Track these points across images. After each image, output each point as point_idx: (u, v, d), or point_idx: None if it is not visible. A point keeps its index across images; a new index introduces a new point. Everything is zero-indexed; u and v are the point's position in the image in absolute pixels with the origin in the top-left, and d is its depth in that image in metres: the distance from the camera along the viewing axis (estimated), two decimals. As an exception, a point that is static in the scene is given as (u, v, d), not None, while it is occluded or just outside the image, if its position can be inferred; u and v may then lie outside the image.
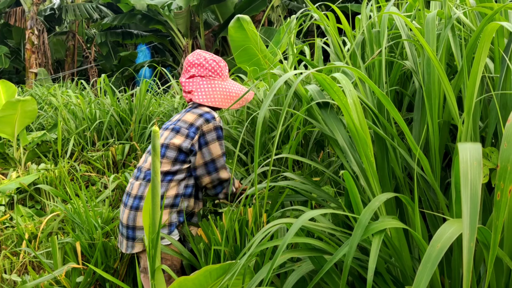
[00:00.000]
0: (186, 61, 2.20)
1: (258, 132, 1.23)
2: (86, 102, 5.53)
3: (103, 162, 4.29)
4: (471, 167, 0.83)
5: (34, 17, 12.77)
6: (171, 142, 2.04)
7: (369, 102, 1.55)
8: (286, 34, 2.30)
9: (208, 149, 2.06)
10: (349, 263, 1.06)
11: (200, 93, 2.12)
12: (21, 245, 2.90)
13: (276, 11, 13.34)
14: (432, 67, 1.42)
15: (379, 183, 1.34)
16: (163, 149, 2.05)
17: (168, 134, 2.07)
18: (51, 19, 15.94)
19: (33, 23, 12.71)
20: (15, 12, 13.81)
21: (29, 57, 12.61)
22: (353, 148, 1.46)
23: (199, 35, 13.82)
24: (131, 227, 2.05)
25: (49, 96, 6.30)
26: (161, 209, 2.01)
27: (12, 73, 16.91)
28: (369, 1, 2.21)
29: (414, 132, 1.57)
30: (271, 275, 1.57)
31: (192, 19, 13.16)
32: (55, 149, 4.65)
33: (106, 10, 15.48)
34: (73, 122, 5.07)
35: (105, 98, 5.34)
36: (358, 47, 1.89)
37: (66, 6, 14.65)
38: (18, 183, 3.70)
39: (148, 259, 1.53)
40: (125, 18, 13.87)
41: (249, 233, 2.09)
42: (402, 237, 1.29)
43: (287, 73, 1.30)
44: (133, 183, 2.12)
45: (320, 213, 1.14)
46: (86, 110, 5.14)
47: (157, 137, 1.47)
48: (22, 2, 12.97)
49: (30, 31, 12.67)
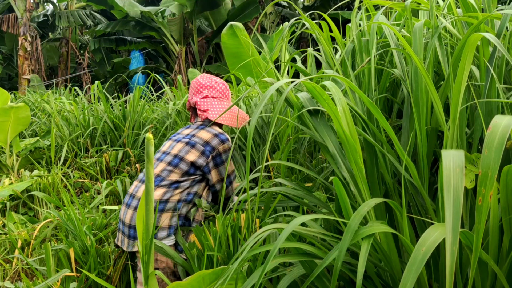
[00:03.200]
0: (197, 83, 2.42)
1: (250, 138, 1.25)
2: (79, 108, 5.54)
3: (96, 168, 4.30)
4: (454, 173, 0.87)
5: (27, 23, 12.75)
6: (186, 156, 2.24)
7: (359, 109, 1.58)
8: (279, 41, 2.34)
9: (224, 167, 2.31)
10: (339, 267, 1.08)
11: (215, 112, 2.34)
12: (14, 252, 2.89)
13: (269, 18, 13.43)
14: (419, 75, 1.46)
15: (368, 189, 1.37)
16: (176, 160, 2.24)
17: (182, 147, 2.27)
18: (44, 26, 15.92)
19: (26, 30, 12.68)
20: (7, 19, 13.78)
21: (22, 64, 12.58)
22: (343, 154, 1.49)
23: (192, 42, 13.86)
24: (133, 226, 2.18)
25: (43, 102, 6.30)
26: (164, 212, 2.19)
27: (5, 80, 16.84)
28: (359, 10, 2.26)
29: (403, 139, 1.61)
30: (263, 280, 1.60)
31: (186, 26, 13.20)
32: (48, 156, 4.64)
33: (100, 16, 15.50)
34: (66, 128, 5.07)
35: (99, 105, 5.34)
36: (348, 55, 1.93)
37: (60, 13, 14.65)
38: (11, 190, 3.70)
39: (141, 264, 1.54)
40: (118, 24, 13.88)
41: (241, 238, 2.11)
42: (391, 242, 1.32)
43: (278, 81, 1.33)
44: (139, 186, 2.27)
45: (311, 218, 1.17)
46: (80, 116, 5.14)
47: (151, 144, 1.49)
48: (15, 8, 12.95)
49: (23, 38, 12.64)
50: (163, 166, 2.24)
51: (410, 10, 1.68)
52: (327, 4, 12.64)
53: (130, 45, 15.14)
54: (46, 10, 16.96)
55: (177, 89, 5.42)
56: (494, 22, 1.81)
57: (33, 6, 13.10)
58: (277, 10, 13.40)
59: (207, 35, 14.08)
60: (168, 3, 13.74)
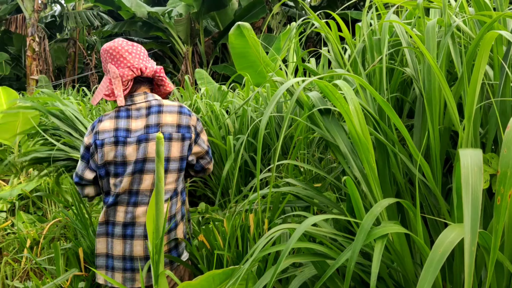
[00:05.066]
0: (138, 48, 1.90)
1: (260, 138, 1.24)
2: (87, 108, 5.55)
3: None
4: (472, 173, 0.85)
5: (35, 24, 12.83)
6: (171, 155, 1.84)
7: (370, 108, 1.57)
8: (287, 41, 2.33)
9: (202, 139, 1.98)
10: (352, 267, 1.07)
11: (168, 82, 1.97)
12: (23, 251, 2.90)
13: (275, 18, 13.42)
14: (432, 74, 1.44)
15: (380, 189, 1.35)
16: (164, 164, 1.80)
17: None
18: (52, 26, 16.03)
19: (34, 30, 12.76)
20: (15, 19, 13.88)
21: (30, 64, 12.66)
22: (354, 154, 1.48)
23: (199, 42, 13.89)
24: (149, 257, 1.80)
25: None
26: (177, 226, 1.91)
27: (13, 80, 16.96)
28: (369, 9, 2.24)
29: (414, 138, 1.59)
30: (273, 281, 1.58)
31: (192, 26, 13.22)
32: (57, 156, 4.65)
33: (107, 17, 15.58)
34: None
35: (106, 105, 5.36)
36: (358, 55, 1.91)
37: (67, 14, 14.73)
38: (20, 189, 3.72)
39: (152, 264, 1.54)
40: (125, 25, 13.94)
41: (251, 238, 2.10)
42: (404, 242, 1.31)
43: (290, 80, 1.32)
44: (131, 210, 1.82)
45: (323, 218, 1.16)
46: (88, 116, 5.15)
47: (161, 143, 1.49)
48: (23, 9, 13.03)
49: (31, 38, 12.72)
50: (150, 179, 1.83)
51: (422, 9, 1.66)
52: (334, 4, 12.61)
53: (137, 45, 15.17)
54: (53, 10, 17.08)
55: (185, 89, 5.42)
56: (507, 21, 1.79)
57: (41, 6, 13.18)
58: (284, 10, 13.39)
59: (214, 36, 14.10)
60: (175, 3, 13.78)
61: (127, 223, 1.82)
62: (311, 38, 13.48)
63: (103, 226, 1.85)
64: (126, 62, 1.83)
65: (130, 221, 1.82)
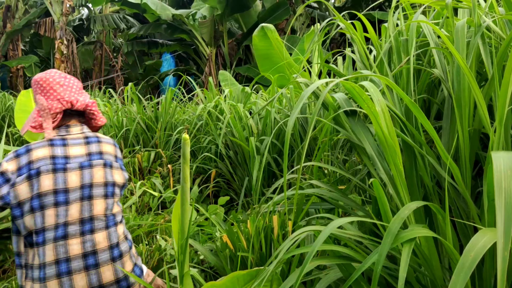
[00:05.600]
0: (71, 81, 1.86)
1: (287, 139, 1.24)
2: (113, 110, 5.66)
3: (129, 168, 4.38)
4: (505, 176, 0.83)
5: (63, 27, 13.15)
6: (115, 180, 1.80)
7: (397, 110, 1.54)
8: (311, 43, 2.32)
9: None
10: (379, 271, 1.06)
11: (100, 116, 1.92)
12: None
13: (299, 19, 13.39)
14: (462, 75, 1.41)
15: (408, 191, 1.33)
16: (110, 187, 1.77)
17: (103, 171, 1.77)
18: (79, 29, 16.40)
19: (63, 33, 13.08)
20: (45, 23, 14.27)
21: (59, 66, 12.97)
22: (381, 156, 1.46)
23: (222, 44, 13.97)
24: (122, 278, 1.72)
25: (78, 104, 6.45)
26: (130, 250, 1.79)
27: (42, 82, 17.39)
28: (395, 10, 2.21)
29: (443, 141, 1.56)
30: (299, 282, 1.58)
31: (216, 28, 13.32)
32: (84, 156, 4.75)
33: (133, 20, 15.83)
34: (101, 129, 5.18)
35: (132, 106, 5.45)
36: (385, 56, 1.89)
37: (94, 17, 15.05)
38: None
39: (177, 263, 1.56)
40: (151, 28, 14.15)
41: (275, 240, 2.10)
42: (432, 246, 1.28)
43: (316, 81, 1.32)
44: (89, 238, 1.68)
45: (349, 220, 1.15)
46: (114, 118, 5.25)
47: (187, 144, 1.50)
48: (52, 12, 13.37)
49: (60, 41, 13.03)
50: (102, 204, 1.73)
51: (451, 9, 1.63)
52: (358, 5, 12.49)
53: (161, 47, 15.40)
54: (81, 14, 17.47)
55: (209, 91, 5.46)
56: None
57: (69, 10, 13.49)
58: (308, 11, 13.35)
59: (237, 37, 14.16)
60: (199, 6, 13.90)
61: (88, 253, 1.66)
62: (335, 39, 13.40)
63: (52, 268, 1.61)
64: (56, 94, 1.78)
65: (91, 250, 1.67)
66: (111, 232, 1.73)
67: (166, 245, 2.59)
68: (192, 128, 4.56)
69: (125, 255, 1.74)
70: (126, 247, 1.75)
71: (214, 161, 4.13)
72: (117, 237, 1.74)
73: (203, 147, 4.30)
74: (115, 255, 1.70)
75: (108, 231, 1.73)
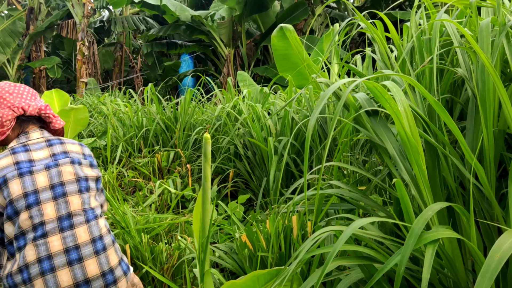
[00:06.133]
0: (25, 89, 1.88)
1: (308, 139, 1.24)
2: (133, 110, 5.73)
3: (149, 168, 4.43)
4: (533, 176, 0.82)
5: (84, 29, 13.37)
6: (86, 173, 1.80)
7: (420, 110, 1.53)
8: (332, 43, 2.31)
9: None
10: (402, 272, 1.05)
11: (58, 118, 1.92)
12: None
13: (317, 19, 13.34)
14: (486, 74, 1.39)
15: (431, 192, 1.32)
16: (83, 182, 1.77)
17: (71, 168, 1.77)
18: (100, 31, 16.64)
19: (84, 35, 13.30)
20: (67, 25, 14.52)
21: (80, 67, 13.20)
22: (403, 156, 1.45)
23: (241, 45, 14.01)
24: (107, 271, 1.69)
25: (99, 104, 6.57)
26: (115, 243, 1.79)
27: (64, 83, 17.73)
28: (417, 9, 2.19)
29: (467, 141, 1.53)
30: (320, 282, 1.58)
31: (234, 29, 13.36)
32: (105, 155, 4.83)
33: (152, 21, 15.99)
34: (121, 129, 5.26)
35: (151, 107, 5.51)
36: (407, 55, 1.87)
37: (115, 19, 15.26)
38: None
39: (197, 262, 1.57)
40: (170, 29, 14.27)
41: (294, 240, 2.10)
42: (456, 248, 1.27)
43: (337, 81, 1.31)
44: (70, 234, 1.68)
45: (372, 221, 1.14)
46: (134, 118, 5.32)
47: (208, 143, 1.52)
48: (74, 14, 13.61)
49: (81, 43, 13.26)
50: (78, 199, 1.74)
51: (475, 7, 1.61)
52: (378, 5, 12.38)
53: (180, 48, 15.52)
54: (102, 16, 17.73)
55: (227, 91, 5.49)
56: None
57: (91, 12, 13.72)
58: (326, 11, 13.29)
59: (255, 38, 14.18)
60: (217, 6, 13.97)
61: (70, 248, 1.66)
62: (353, 39, 13.30)
63: (35, 267, 1.61)
64: (6, 102, 1.80)
65: (73, 245, 1.67)
66: (92, 226, 1.72)
67: (186, 244, 2.61)
68: (211, 128, 4.59)
69: (109, 248, 1.73)
70: (109, 240, 1.74)
71: (232, 161, 4.14)
72: (98, 230, 1.73)
73: (221, 147, 4.32)
74: (98, 248, 1.70)
75: (89, 225, 1.72)
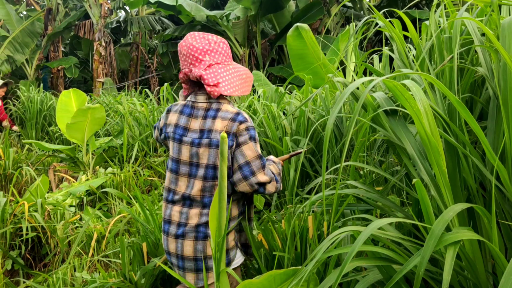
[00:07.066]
0: (193, 49, 1.83)
1: (326, 138, 1.23)
2: (149, 109, 5.77)
3: (164, 167, 4.45)
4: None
5: (101, 29, 13.52)
6: (217, 162, 1.80)
7: (440, 109, 1.51)
8: (349, 42, 2.29)
9: (241, 152, 1.80)
10: (421, 274, 1.04)
11: (228, 84, 1.81)
12: (90, 244, 3.06)
13: (333, 19, 13.26)
14: (509, 73, 1.36)
15: (451, 193, 1.30)
16: (210, 171, 1.81)
17: (207, 152, 1.81)
18: (117, 31, 16.81)
19: (101, 35, 13.44)
20: (84, 25, 14.69)
21: (97, 67, 13.34)
22: (422, 156, 1.43)
23: (255, 44, 14.00)
24: (199, 258, 1.82)
25: (116, 104, 6.63)
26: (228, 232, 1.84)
27: (81, 83, 17.95)
28: (436, 7, 2.16)
29: (488, 141, 1.51)
30: (334, 284, 1.56)
31: (250, 29, 13.36)
32: (121, 154, 4.87)
33: (168, 21, 16.08)
34: (137, 128, 5.30)
35: (167, 106, 5.54)
36: (426, 54, 1.85)
37: (131, 19, 15.39)
38: (87, 185, 3.92)
39: (213, 261, 1.57)
40: (185, 29, 14.33)
41: (310, 241, 2.09)
42: (477, 250, 1.24)
43: (356, 81, 1.30)
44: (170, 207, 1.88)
45: (391, 221, 1.13)
46: (150, 117, 5.35)
47: (225, 142, 1.51)
48: (91, 15, 13.76)
49: (98, 43, 13.40)
50: (200, 184, 1.82)
51: (497, 5, 1.58)
52: (394, 4, 12.25)
53: (195, 48, 15.53)
54: (118, 16, 17.90)
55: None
56: None
57: (107, 13, 13.85)
58: (342, 11, 13.20)
59: (270, 38, 14.16)
60: (232, 6, 13.98)
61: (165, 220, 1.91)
62: (370, 39, 13.18)
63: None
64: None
65: (167, 219, 1.89)
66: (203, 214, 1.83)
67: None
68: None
69: (209, 239, 1.82)
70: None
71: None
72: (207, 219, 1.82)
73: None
74: (199, 235, 1.82)
75: (201, 211, 1.83)
